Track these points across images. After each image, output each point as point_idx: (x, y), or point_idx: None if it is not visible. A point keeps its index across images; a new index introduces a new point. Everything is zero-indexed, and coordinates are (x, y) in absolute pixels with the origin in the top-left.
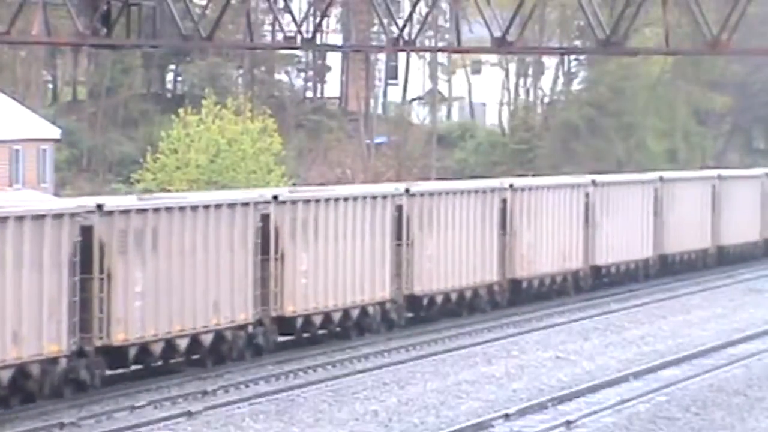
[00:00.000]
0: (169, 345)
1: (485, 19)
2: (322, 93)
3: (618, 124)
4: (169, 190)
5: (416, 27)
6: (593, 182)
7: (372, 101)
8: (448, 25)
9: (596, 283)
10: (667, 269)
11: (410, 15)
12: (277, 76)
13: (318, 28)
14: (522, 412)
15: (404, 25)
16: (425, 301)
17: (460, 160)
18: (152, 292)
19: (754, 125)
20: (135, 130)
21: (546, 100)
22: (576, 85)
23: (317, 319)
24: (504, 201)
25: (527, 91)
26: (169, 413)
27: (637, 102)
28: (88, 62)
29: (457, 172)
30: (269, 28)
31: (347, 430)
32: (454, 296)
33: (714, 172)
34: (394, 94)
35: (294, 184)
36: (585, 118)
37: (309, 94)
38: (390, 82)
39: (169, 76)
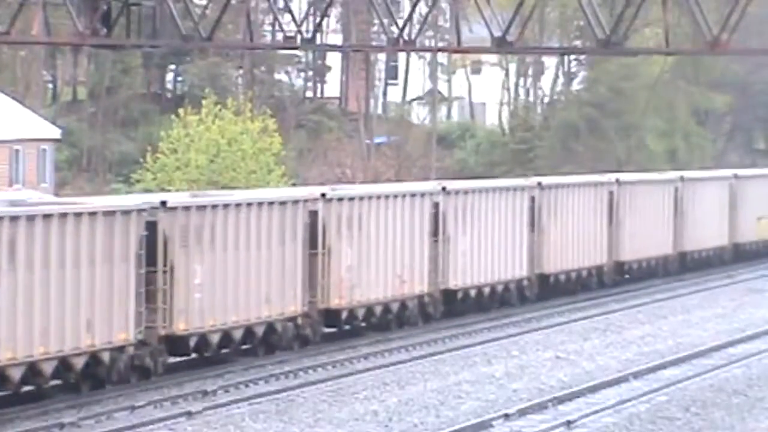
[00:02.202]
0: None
1: (485, 19)
2: (322, 93)
3: (618, 124)
4: (169, 190)
5: (416, 27)
6: (444, 189)
7: (372, 101)
8: (448, 25)
9: (450, 308)
10: (548, 292)
11: (410, 15)
12: (277, 76)
13: (318, 28)
14: (522, 412)
15: (404, 25)
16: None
17: (460, 160)
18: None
19: (754, 125)
20: (135, 130)
21: (546, 100)
22: (576, 85)
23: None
24: (314, 213)
25: (527, 91)
26: (169, 413)
27: (637, 102)
28: (88, 62)
29: (457, 172)
30: (269, 28)
31: (347, 430)
32: (259, 330)
33: (612, 177)
34: (394, 94)
35: (294, 184)
36: (585, 118)
37: (309, 94)
38: (390, 82)
39: (169, 76)
